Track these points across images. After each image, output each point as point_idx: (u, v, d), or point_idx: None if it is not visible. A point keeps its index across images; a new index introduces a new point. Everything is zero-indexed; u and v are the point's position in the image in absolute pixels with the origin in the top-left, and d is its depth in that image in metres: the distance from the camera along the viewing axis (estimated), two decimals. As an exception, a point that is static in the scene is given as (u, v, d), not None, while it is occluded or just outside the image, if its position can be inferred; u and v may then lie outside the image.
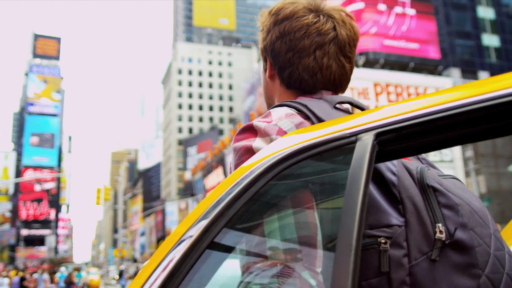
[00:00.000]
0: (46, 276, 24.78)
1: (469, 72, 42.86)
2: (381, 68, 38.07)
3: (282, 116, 1.08)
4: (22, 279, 22.81)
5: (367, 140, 0.80)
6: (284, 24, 1.21)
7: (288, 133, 1.03)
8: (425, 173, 0.96)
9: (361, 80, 33.17)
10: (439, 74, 40.68)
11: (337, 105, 1.15)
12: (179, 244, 0.94)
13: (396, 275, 0.85)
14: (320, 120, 1.05)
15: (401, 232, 0.88)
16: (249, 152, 1.03)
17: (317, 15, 1.20)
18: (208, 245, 0.90)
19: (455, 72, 42.15)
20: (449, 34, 43.85)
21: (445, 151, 32.91)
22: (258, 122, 1.07)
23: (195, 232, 0.91)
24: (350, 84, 1.29)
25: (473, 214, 0.92)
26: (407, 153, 0.86)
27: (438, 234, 0.87)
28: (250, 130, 1.07)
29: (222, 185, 0.98)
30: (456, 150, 33.62)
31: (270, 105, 1.35)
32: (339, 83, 1.24)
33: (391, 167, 0.95)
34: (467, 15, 45.56)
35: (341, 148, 0.86)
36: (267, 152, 0.95)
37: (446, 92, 0.79)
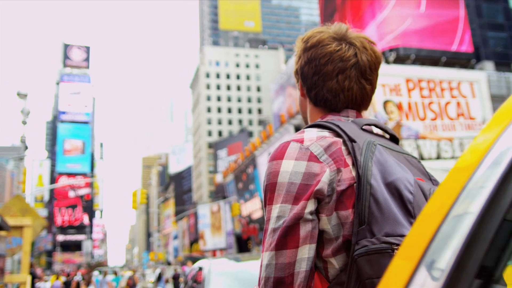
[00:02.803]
0: (109, 277, 24.82)
1: (503, 65, 41.86)
2: (412, 63, 37.48)
3: (313, 138, 1.23)
4: (67, 283, 22.94)
5: None
6: (311, 51, 1.37)
7: (318, 157, 1.18)
8: None
9: (393, 76, 32.63)
10: (472, 67, 39.82)
11: (364, 127, 1.31)
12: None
13: None
14: (350, 139, 1.21)
15: None
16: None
17: (340, 44, 1.35)
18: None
19: (489, 65, 41.20)
20: (481, 27, 42.90)
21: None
22: (293, 142, 1.22)
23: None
24: (382, 81, 1.35)
25: None
26: None
27: None
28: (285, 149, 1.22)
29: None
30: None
31: (306, 118, 1.52)
32: (361, 102, 1.39)
33: (409, 187, 1.14)
34: (499, 7, 44.52)
35: None
36: None
37: None
